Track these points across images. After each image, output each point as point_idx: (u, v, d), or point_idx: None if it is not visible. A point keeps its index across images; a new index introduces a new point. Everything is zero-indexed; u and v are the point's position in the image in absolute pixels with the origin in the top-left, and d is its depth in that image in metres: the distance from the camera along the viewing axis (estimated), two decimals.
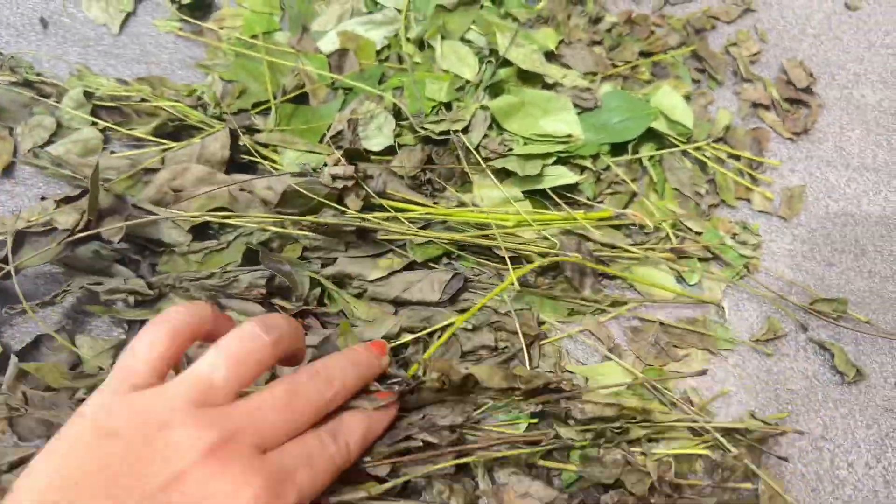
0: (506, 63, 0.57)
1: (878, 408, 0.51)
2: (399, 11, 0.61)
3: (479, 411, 0.43)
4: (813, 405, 0.50)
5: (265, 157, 0.53)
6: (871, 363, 0.52)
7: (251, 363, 0.32)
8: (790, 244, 0.58)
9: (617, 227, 0.54)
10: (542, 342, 0.49)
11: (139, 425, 0.30)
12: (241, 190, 0.48)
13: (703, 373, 0.45)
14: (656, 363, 0.50)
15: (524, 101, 0.54)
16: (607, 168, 0.56)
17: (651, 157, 0.58)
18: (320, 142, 0.54)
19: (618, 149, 0.57)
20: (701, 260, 0.54)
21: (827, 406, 0.50)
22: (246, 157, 0.53)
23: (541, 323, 0.50)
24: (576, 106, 0.56)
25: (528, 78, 0.58)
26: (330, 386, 0.35)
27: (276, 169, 0.53)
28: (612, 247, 0.52)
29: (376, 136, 0.53)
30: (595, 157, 0.56)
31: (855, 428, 0.50)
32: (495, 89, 0.57)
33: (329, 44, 0.60)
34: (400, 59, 0.59)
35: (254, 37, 0.61)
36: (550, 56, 0.62)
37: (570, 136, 0.54)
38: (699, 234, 0.55)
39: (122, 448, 0.29)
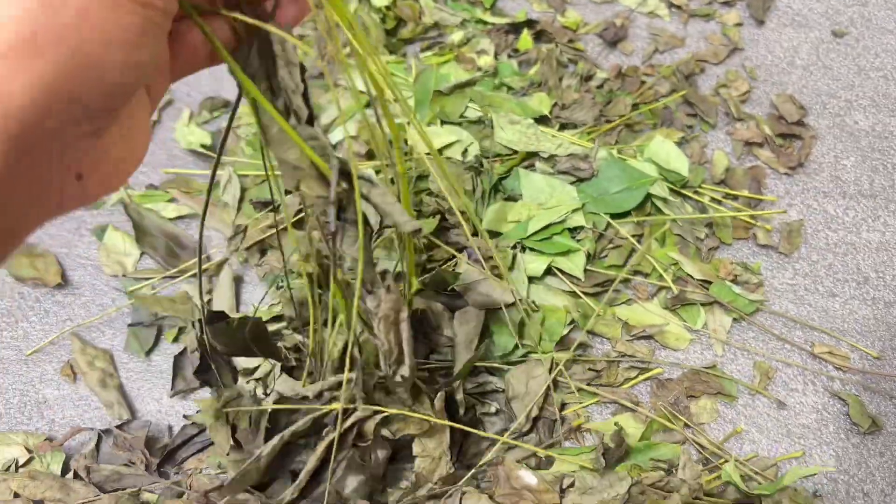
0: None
1: (889, 435, 0.52)
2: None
3: None
4: (825, 438, 0.52)
5: None
6: (879, 389, 0.54)
7: None
8: (792, 279, 0.60)
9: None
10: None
11: None
12: None
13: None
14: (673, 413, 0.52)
15: (522, 193, 0.59)
16: (607, 227, 0.59)
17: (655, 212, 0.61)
18: None
19: None
20: (704, 304, 0.57)
21: (839, 437, 0.52)
22: None
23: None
24: (572, 176, 0.60)
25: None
26: None
27: None
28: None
29: None
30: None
31: (868, 457, 0.51)
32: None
33: (339, 133, 0.64)
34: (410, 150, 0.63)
35: None
36: (546, 119, 0.66)
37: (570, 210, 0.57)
38: (702, 281, 0.58)
39: None
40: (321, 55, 0.71)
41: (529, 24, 0.75)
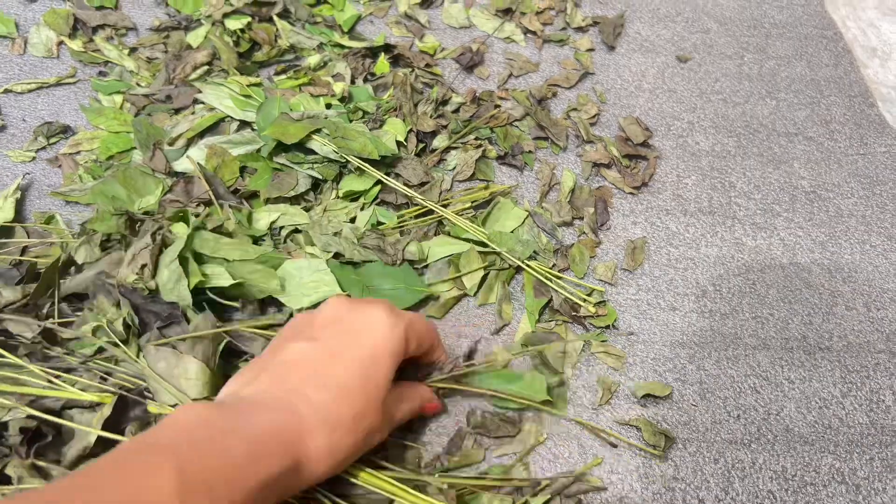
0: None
1: (723, 442, 0.55)
2: (254, 130, 0.64)
3: None
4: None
5: None
6: (715, 399, 0.57)
7: None
8: (635, 294, 0.62)
9: None
10: None
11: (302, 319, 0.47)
12: None
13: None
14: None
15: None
16: None
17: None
18: None
19: None
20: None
21: (677, 447, 0.54)
22: None
23: None
24: None
25: None
26: None
27: None
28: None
29: None
30: None
31: (703, 464, 0.53)
32: None
33: (185, 162, 0.62)
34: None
35: (110, 158, 0.63)
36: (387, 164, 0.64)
37: None
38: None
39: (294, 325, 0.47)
40: (170, 78, 0.69)
41: (387, 48, 0.75)
